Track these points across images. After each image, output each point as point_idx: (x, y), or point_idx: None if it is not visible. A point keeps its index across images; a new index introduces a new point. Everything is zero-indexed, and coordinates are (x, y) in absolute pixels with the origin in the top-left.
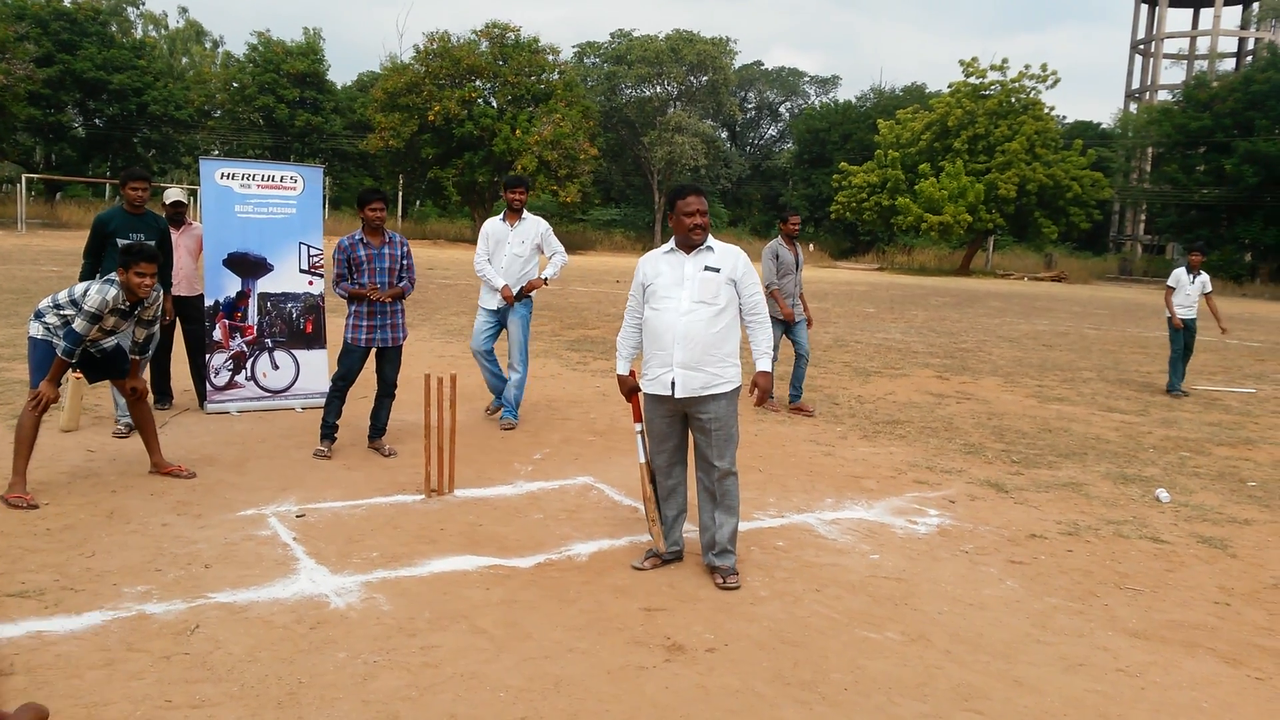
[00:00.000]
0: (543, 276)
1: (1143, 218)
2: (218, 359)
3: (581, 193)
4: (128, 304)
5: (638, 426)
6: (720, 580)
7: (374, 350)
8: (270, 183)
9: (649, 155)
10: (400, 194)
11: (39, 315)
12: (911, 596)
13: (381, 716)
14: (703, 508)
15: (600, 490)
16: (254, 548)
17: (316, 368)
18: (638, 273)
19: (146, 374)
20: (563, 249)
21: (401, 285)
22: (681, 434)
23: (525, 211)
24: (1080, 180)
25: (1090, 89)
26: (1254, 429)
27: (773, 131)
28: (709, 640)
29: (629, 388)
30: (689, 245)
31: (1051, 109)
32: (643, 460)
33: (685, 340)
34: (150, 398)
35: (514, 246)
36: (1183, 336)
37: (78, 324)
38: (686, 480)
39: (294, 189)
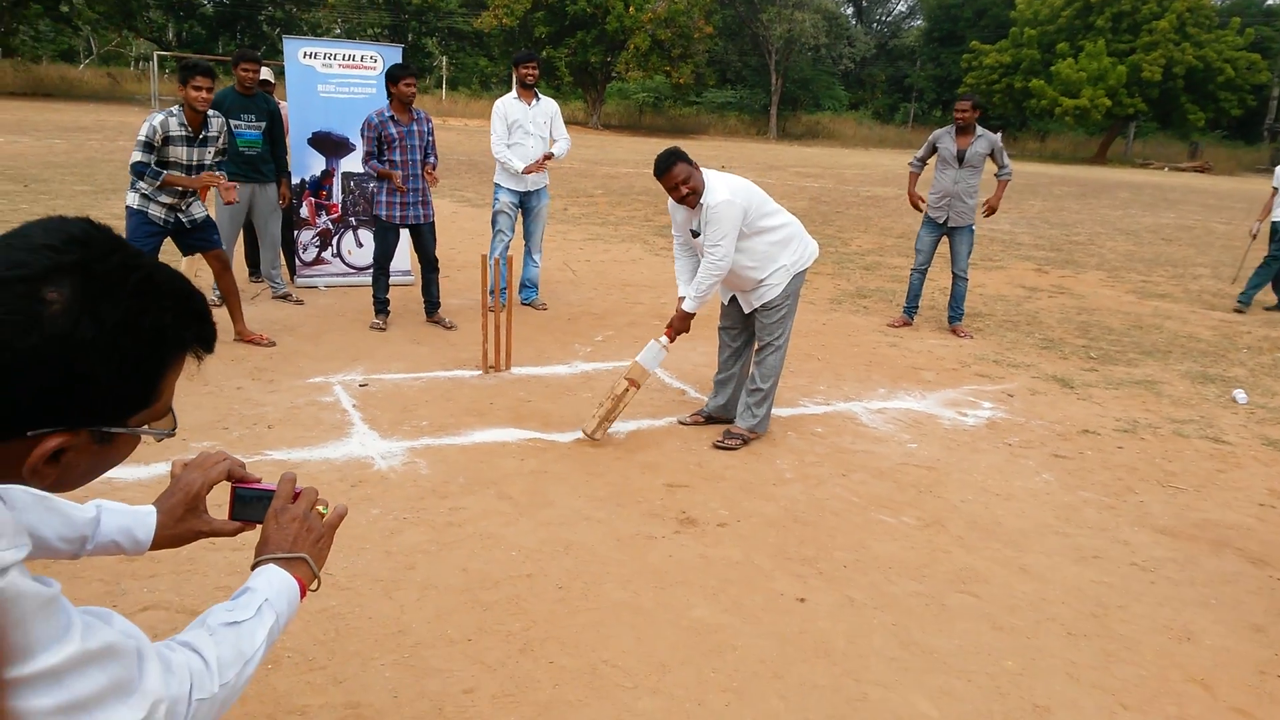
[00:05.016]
0: (549, 152)
1: None
2: (305, 235)
3: (695, 73)
4: (190, 130)
5: (663, 339)
6: (720, 439)
7: (408, 229)
8: (351, 62)
9: (767, 33)
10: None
11: (133, 183)
12: (938, 485)
13: (400, 566)
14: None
15: (654, 373)
16: (315, 412)
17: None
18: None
19: (240, 247)
20: (568, 136)
21: (430, 162)
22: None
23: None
24: (1235, 62)
25: None
26: None
27: (901, 7)
28: (722, 516)
29: (685, 324)
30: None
31: None
32: (639, 361)
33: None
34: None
35: (536, 127)
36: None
37: (135, 156)
38: (748, 355)
39: (373, 68)
